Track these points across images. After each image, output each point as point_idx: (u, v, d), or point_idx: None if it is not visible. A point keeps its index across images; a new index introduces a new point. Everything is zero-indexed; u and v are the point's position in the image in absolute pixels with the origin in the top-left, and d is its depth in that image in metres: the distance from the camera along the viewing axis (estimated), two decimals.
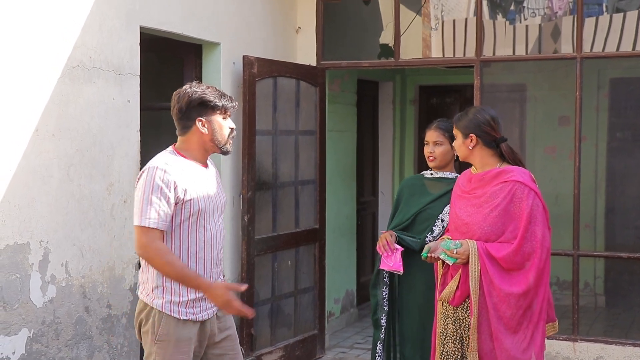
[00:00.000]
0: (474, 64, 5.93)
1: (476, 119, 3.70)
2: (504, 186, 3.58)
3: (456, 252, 3.54)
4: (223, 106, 3.33)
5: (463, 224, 3.63)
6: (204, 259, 3.32)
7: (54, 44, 4.07)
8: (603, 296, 7.50)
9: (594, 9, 6.12)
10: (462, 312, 3.66)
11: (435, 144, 4.26)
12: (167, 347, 3.25)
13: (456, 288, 3.62)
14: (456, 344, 3.68)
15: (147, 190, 3.19)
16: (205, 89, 3.33)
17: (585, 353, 5.67)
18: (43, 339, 4.01)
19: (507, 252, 3.51)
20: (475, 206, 3.62)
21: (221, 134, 3.34)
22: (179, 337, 3.26)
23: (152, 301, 3.28)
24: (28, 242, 3.93)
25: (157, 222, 3.17)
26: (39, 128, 3.99)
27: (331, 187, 6.69)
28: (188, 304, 3.27)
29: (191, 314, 3.27)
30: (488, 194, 3.60)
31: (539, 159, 7.39)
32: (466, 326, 3.63)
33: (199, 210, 3.28)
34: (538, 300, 3.55)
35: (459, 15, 6.42)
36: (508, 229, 3.55)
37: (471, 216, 3.61)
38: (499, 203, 3.56)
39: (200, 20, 5.18)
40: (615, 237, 7.13)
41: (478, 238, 3.57)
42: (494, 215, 3.55)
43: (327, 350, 6.44)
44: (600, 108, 7.23)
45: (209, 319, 3.35)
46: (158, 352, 3.26)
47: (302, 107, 6.07)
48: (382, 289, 4.33)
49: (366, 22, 6.92)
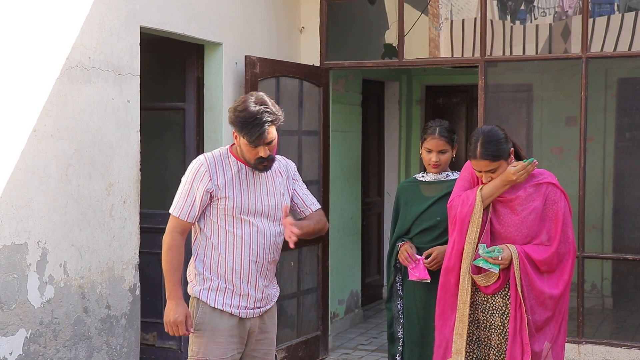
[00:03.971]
0: (478, 64, 5.89)
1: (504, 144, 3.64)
2: (538, 188, 3.60)
3: (501, 258, 3.50)
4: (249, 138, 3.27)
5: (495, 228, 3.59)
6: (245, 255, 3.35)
7: (52, 44, 4.07)
8: (610, 298, 7.43)
9: (606, 8, 6.06)
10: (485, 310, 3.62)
11: (440, 152, 4.16)
12: (202, 336, 3.35)
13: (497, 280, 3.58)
14: (471, 345, 3.64)
15: (183, 180, 3.38)
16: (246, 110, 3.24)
17: (590, 356, 5.61)
18: (41, 340, 4.01)
19: (547, 255, 3.54)
20: (510, 208, 3.60)
21: (248, 155, 3.35)
22: (214, 326, 3.33)
23: (192, 289, 3.40)
24: (26, 243, 3.92)
25: (180, 212, 3.33)
26: (37, 128, 3.98)
27: (335, 187, 6.66)
28: (225, 294, 3.34)
29: (227, 306, 3.34)
30: (522, 197, 3.59)
31: (546, 159, 7.32)
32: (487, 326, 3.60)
33: (233, 208, 3.32)
34: (565, 300, 3.62)
35: (469, 14, 6.38)
36: (543, 231, 3.58)
37: (505, 218, 3.59)
38: (536, 206, 3.57)
39: (202, 20, 5.17)
40: (622, 238, 7.05)
41: (514, 241, 3.56)
42: (532, 218, 3.56)
43: (330, 351, 6.41)
44: (608, 108, 7.16)
45: (249, 318, 3.40)
46: (194, 340, 3.37)
47: (306, 108, 6.04)
48: (397, 302, 4.28)
49: (371, 22, 6.88)
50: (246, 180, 3.38)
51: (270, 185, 3.45)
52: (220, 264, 3.36)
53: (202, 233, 3.40)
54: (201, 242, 3.40)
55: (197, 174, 3.33)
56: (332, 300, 6.58)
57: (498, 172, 3.62)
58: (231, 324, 3.36)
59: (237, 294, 3.36)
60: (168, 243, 3.35)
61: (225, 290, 3.35)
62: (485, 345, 3.62)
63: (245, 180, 3.38)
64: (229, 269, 3.35)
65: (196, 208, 3.33)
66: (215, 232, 3.36)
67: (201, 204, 3.33)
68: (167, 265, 3.34)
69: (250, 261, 3.37)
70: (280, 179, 3.49)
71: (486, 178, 3.63)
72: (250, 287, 3.38)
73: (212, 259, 3.37)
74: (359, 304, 7.51)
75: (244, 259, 3.36)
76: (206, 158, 3.38)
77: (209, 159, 3.37)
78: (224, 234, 3.35)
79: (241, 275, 3.35)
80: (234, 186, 3.35)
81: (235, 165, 3.38)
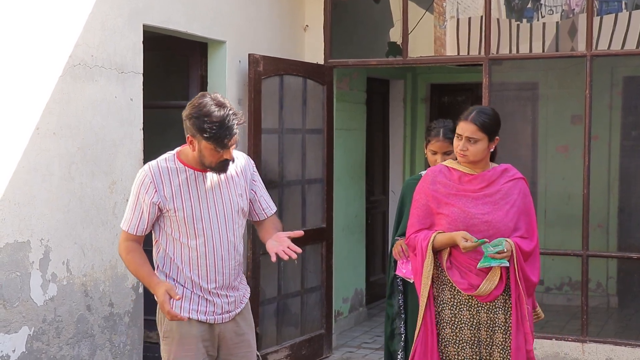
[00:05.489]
0: (482, 62, 5.87)
1: (498, 120, 3.68)
2: (515, 183, 3.67)
3: (506, 251, 3.51)
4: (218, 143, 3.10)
5: (482, 222, 3.59)
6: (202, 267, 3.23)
7: (55, 43, 4.07)
8: (615, 297, 7.41)
9: (613, 6, 6.04)
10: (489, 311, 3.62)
11: (445, 154, 4.16)
12: (171, 344, 3.27)
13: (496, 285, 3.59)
14: (474, 348, 3.63)
15: (132, 191, 3.25)
16: (210, 115, 3.08)
17: (594, 354, 5.60)
18: (44, 337, 4.02)
19: (532, 246, 3.63)
20: (491, 204, 3.62)
21: (209, 159, 3.16)
22: (183, 334, 3.24)
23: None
24: (28, 240, 3.93)
25: (128, 226, 3.23)
26: (39, 126, 3.99)
27: (340, 185, 6.66)
28: (192, 300, 3.23)
29: (194, 312, 3.24)
30: (503, 191, 3.64)
31: (551, 157, 7.31)
32: (490, 326, 3.61)
33: (185, 218, 3.19)
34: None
35: (475, 12, 6.36)
36: (522, 224, 3.65)
37: (490, 214, 3.61)
38: (516, 199, 3.64)
39: (205, 19, 5.17)
40: (628, 237, 7.03)
41: (501, 235, 3.59)
42: (514, 211, 3.63)
43: (334, 349, 6.41)
44: (613, 106, 7.14)
45: (217, 324, 3.30)
46: (164, 348, 3.30)
47: (309, 106, 6.04)
48: (398, 297, 4.28)
49: (375, 20, 6.88)
50: (196, 187, 3.21)
51: (224, 188, 3.27)
52: (179, 275, 3.24)
53: (158, 244, 3.28)
54: (160, 252, 3.28)
55: (142, 185, 3.18)
56: (336, 298, 6.58)
57: (475, 147, 3.58)
58: (200, 331, 3.26)
59: (204, 300, 3.25)
60: (125, 249, 3.25)
61: (191, 297, 3.24)
62: (488, 344, 3.62)
63: (195, 187, 3.21)
64: (189, 280, 3.24)
65: (144, 221, 3.20)
66: (170, 244, 3.24)
67: (149, 216, 3.19)
68: (133, 265, 3.25)
69: (208, 272, 3.23)
70: (237, 179, 3.32)
71: (463, 146, 3.59)
72: (214, 295, 3.26)
73: (171, 270, 3.25)
74: (363, 303, 7.51)
75: (201, 270, 3.23)
76: (150, 168, 3.20)
77: (153, 169, 3.19)
78: (179, 247, 3.22)
79: (201, 287, 3.24)
80: (182, 195, 3.19)
81: (184, 173, 3.20)
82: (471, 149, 3.60)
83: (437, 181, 3.71)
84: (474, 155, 3.62)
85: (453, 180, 3.70)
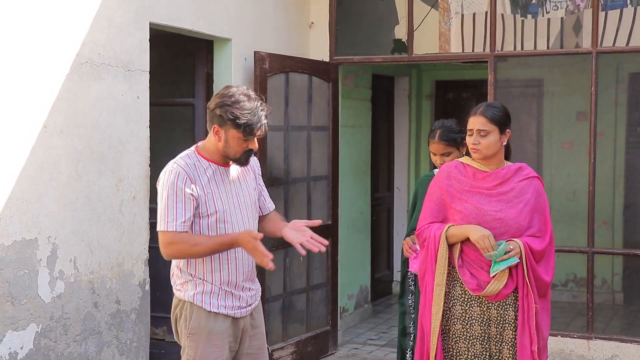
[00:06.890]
0: (488, 59, 5.87)
1: (507, 113, 3.70)
2: (529, 182, 3.66)
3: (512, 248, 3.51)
4: (248, 131, 3.18)
5: (495, 220, 3.59)
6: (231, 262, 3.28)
7: (62, 41, 4.09)
8: (621, 293, 7.41)
9: (619, 2, 6.01)
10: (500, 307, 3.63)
11: (443, 155, 4.20)
12: (199, 340, 3.27)
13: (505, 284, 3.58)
14: (484, 344, 3.64)
15: (165, 193, 3.20)
16: (240, 103, 3.16)
17: (599, 351, 5.60)
18: (51, 334, 4.04)
19: (544, 246, 3.60)
20: (505, 202, 3.61)
21: (235, 149, 3.23)
22: (211, 330, 3.27)
23: (184, 295, 3.30)
24: (36, 238, 3.95)
25: (175, 224, 3.17)
26: (47, 124, 4.01)
27: (345, 182, 6.66)
28: (219, 296, 3.28)
29: (222, 308, 3.28)
30: (517, 189, 3.63)
31: (556, 154, 7.31)
32: (500, 323, 3.61)
33: (216, 213, 3.23)
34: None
35: (480, 9, 6.35)
36: (535, 222, 3.63)
37: (503, 212, 3.60)
38: (530, 198, 3.63)
39: (211, 16, 5.18)
40: (633, 234, 7.03)
41: (513, 233, 3.58)
42: (527, 210, 3.61)
43: (339, 346, 6.43)
44: (619, 103, 7.13)
45: (242, 317, 3.36)
46: (191, 345, 3.28)
47: (315, 103, 6.05)
48: (409, 297, 4.30)
49: (380, 17, 6.87)
50: (222, 183, 3.28)
51: (242, 182, 3.36)
52: (206, 273, 3.27)
53: None
54: None
55: (178, 179, 3.17)
56: (341, 295, 6.59)
57: (486, 140, 3.58)
58: (226, 326, 3.31)
59: (231, 294, 3.30)
60: (176, 243, 3.17)
61: (219, 293, 3.28)
62: (498, 341, 3.62)
63: (221, 182, 3.28)
64: (218, 275, 3.27)
65: (190, 214, 3.18)
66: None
67: (192, 210, 3.19)
68: (208, 246, 3.17)
69: (237, 266, 3.30)
70: (248, 173, 3.41)
71: (474, 140, 3.59)
72: (239, 288, 3.32)
73: (197, 269, 3.27)
74: (368, 299, 7.52)
75: (231, 265, 3.28)
76: (180, 165, 3.21)
77: (184, 165, 3.21)
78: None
79: (229, 280, 3.29)
80: (212, 192, 3.24)
81: (209, 168, 3.26)
82: (483, 142, 3.60)
83: (452, 176, 3.71)
84: (486, 149, 3.61)
85: (467, 177, 3.69)
